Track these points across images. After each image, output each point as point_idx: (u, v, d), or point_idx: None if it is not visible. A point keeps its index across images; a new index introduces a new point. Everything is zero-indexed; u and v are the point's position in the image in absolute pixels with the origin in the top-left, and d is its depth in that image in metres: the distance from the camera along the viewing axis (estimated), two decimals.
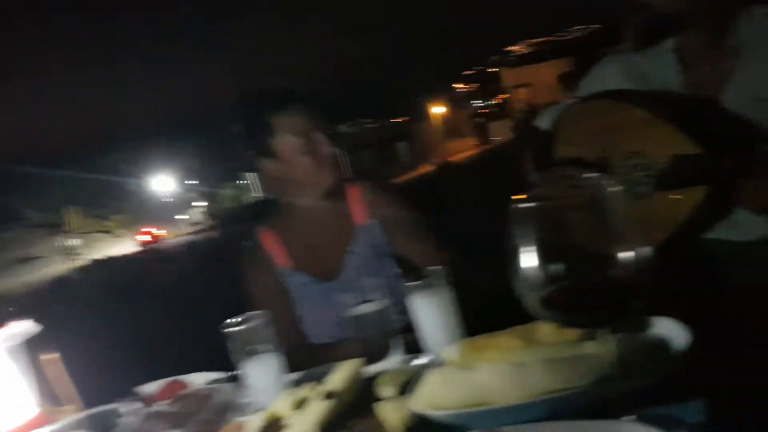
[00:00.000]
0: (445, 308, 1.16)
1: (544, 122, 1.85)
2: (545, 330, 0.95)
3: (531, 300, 0.67)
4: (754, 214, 1.45)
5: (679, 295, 1.38)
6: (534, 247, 0.65)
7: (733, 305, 1.43)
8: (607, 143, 1.60)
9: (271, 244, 1.73)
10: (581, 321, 0.70)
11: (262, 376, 1.12)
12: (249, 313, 1.18)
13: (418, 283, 1.24)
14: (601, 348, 0.78)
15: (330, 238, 1.72)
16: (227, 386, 1.20)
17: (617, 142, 1.57)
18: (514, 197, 0.68)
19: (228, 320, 1.16)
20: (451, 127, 39.50)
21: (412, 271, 1.66)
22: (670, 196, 1.43)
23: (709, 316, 1.38)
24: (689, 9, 1.44)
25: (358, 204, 1.74)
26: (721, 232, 1.51)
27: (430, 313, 1.16)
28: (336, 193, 1.71)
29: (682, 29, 1.49)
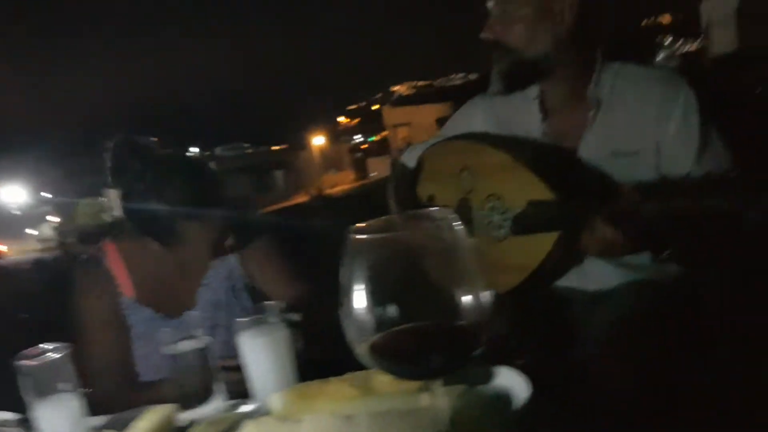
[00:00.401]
0: (276, 349, 1.03)
1: (408, 159, 1.83)
2: (382, 378, 0.87)
3: (359, 346, 0.58)
4: (598, 259, 1.48)
5: (525, 342, 1.37)
6: (367, 286, 0.57)
7: (581, 353, 1.45)
8: (468, 184, 1.59)
9: (117, 270, 1.53)
10: (413, 372, 0.62)
11: (58, 420, 0.95)
12: (47, 345, 1.00)
13: (247, 319, 1.08)
14: (438, 401, 0.71)
15: (182, 270, 1.56)
16: (14, 431, 1.01)
17: (477, 183, 1.57)
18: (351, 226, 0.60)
19: (22, 351, 0.98)
20: (330, 160, 39.55)
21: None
22: (524, 241, 1.43)
23: (556, 365, 1.39)
24: (552, 58, 1.47)
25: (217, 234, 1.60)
26: (576, 281, 1.53)
27: (258, 353, 1.01)
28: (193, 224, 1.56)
29: (546, 78, 1.51)
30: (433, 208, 0.61)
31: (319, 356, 1.10)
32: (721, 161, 1.40)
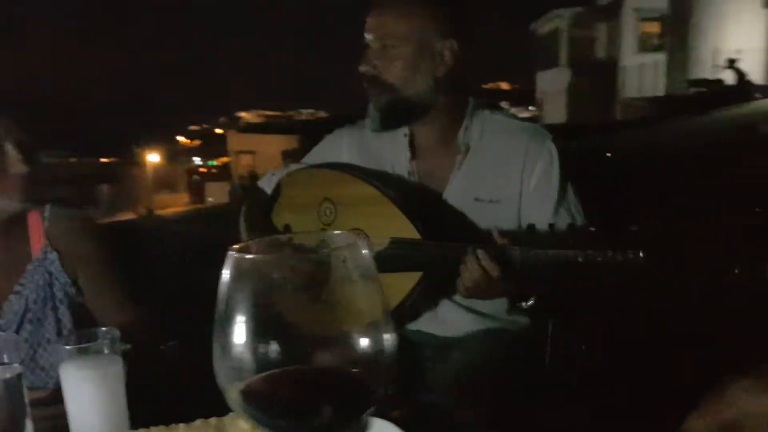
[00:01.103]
0: (107, 386, 0.84)
1: (266, 184, 1.72)
2: (243, 427, 0.74)
3: (230, 389, 0.47)
4: (452, 305, 1.47)
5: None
6: (248, 316, 0.47)
7: (429, 398, 1.41)
8: (329, 216, 1.52)
9: None
10: (290, 427, 0.51)
11: None
12: None
13: (72, 347, 0.88)
14: None
15: None
16: None
17: (340, 216, 1.51)
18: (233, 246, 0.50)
19: None
20: (165, 180, 37.77)
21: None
22: (384, 279, 1.38)
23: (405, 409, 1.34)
24: (428, 99, 1.46)
25: (37, 229, 1.36)
26: (429, 326, 1.51)
27: (84, 389, 0.82)
28: (8, 218, 1.34)
29: (418, 118, 1.49)
30: (338, 232, 0.52)
31: (157, 395, 0.94)
32: (576, 215, 1.45)
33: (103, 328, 0.90)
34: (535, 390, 1.40)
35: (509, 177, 1.46)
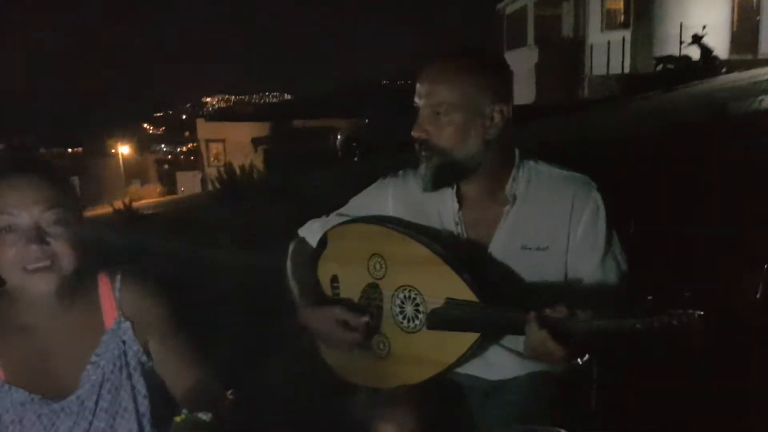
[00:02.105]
0: None
1: (308, 234, 1.78)
2: None
3: None
4: (501, 349, 1.56)
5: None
6: None
7: None
8: (379, 271, 1.59)
9: None
10: None
11: None
12: None
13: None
14: None
15: (66, 344, 1.34)
16: None
17: (390, 271, 1.57)
18: None
19: None
20: (135, 171, 37.19)
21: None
22: (440, 337, 1.46)
23: None
24: (479, 158, 1.53)
25: (108, 299, 1.39)
26: (476, 369, 1.58)
27: None
28: (78, 284, 1.34)
29: (468, 176, 1.56)
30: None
31: None
32: (621, 263, 1.54)
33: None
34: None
35: (556, 225, 1.53)
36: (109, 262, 1.47)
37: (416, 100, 1.53)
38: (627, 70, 19.27)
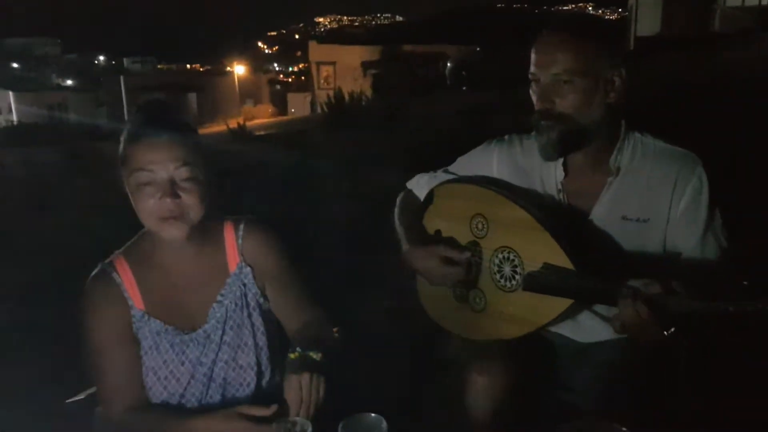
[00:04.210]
0: None
1: (416, 187, 1.87)
2: None
3: None
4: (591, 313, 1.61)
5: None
6: None
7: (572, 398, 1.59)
8: (481, 230, 1.67)
9: (127, 283, 1.48)
10: None
11: None
12: None
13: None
14: None
15: (195, 283, 1.52)
16: None
17: (491, 232, 1.64)
18: None
19: None
20: (248, 90, 38.28)
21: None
22: (534, 299, 1.54)
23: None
24: (597, 127, 1.54)
25: (232, 245, 1.56)
26: (567, 330, 1.66)
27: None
28: (206, 231, 1.51)
29: (587, 144, 1.57)
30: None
31: None
32: (722, 240, 1.54)
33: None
34: (669, 398, 1.54)
35: (658, 199, 1.55)
36: (225, 179, 1.60)
37: (534, 69, 1.55)
38: (765, 1, 17.52)
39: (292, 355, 1.33)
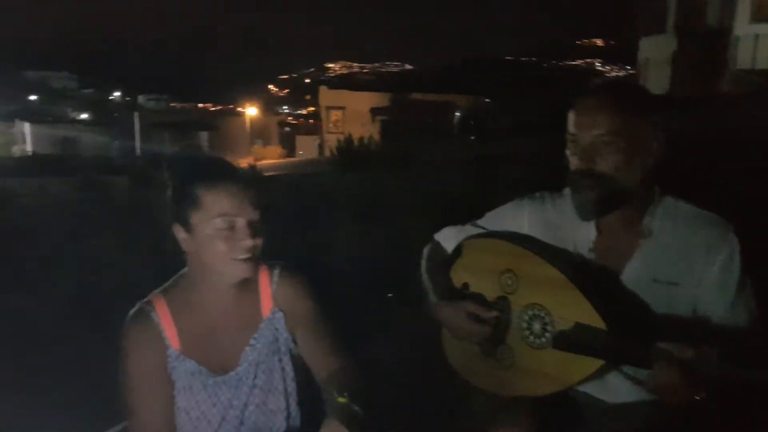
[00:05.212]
0: None
1: (444, 240, 1.89)
2: None
3: None
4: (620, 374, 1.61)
5: None
6: None
7: None
8: (511, 286, 1.68)
9: (165, 322, 1.51)
10: None
11: None
12: None
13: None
14: None
15: (231, 327, 1.55)
16: None
17: (521, 288, 1.65)
18: None
19: None
20: (258, 130, 38.76)
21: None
22: (564, 357, 1.54)
23: None
24: (635, 189, 1.57)
25: (266, 291, 1.59)
26: (594, 389, 1.65)
27: None
28: (247, 279, 1.54)
29: (622, 205, 1.60)
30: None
31: None
32: (751, 306, 1.55)
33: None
34: None
35: (690, 263, 1.56)
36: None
37: (574, 130, 1.58)
38: None
39: (340, 399, 1.32)
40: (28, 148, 37.90)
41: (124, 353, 1.48)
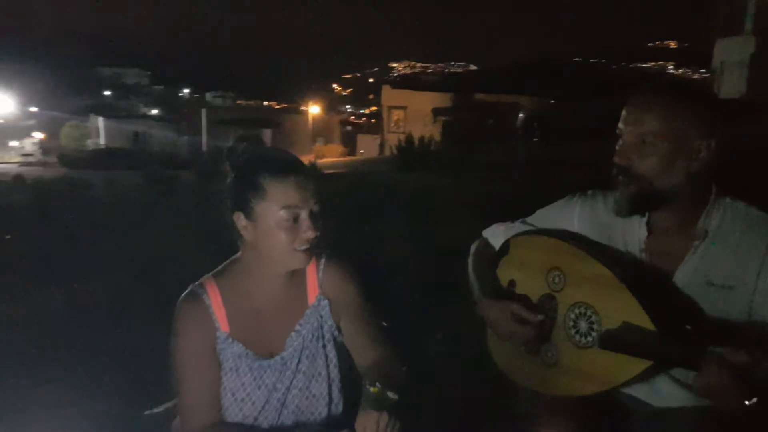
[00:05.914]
0: None
1: (492, 237, 1.88)
2: None
3: None
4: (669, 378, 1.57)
5: None
6: None
7: None
8: (558, 284, 1.66)
9: (215, 305, 1.56)
10: None
11: None
12: None
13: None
14: None
15: (278, 312, 1.59)
16: None
17: (569, 286, 1.63)
18: None
19: None
20: (320, 129, 39.26)
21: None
22: (610, 357, 1.51)
23: None
24: (679, 190, 1.53)
25: (313, 278, 1.63)
26: (640, 392, 1.62)
27: None
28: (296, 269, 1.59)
29: (663, 206, 1.56)
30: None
31: None
32: None
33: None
34: None
35: (746, 266, 1.51)
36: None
37: (621, 126, 1.56)
38: None
39: (373, 389, 1.33)
40: (101, 141, 39.52)
41: (175, 333, 1.53)
